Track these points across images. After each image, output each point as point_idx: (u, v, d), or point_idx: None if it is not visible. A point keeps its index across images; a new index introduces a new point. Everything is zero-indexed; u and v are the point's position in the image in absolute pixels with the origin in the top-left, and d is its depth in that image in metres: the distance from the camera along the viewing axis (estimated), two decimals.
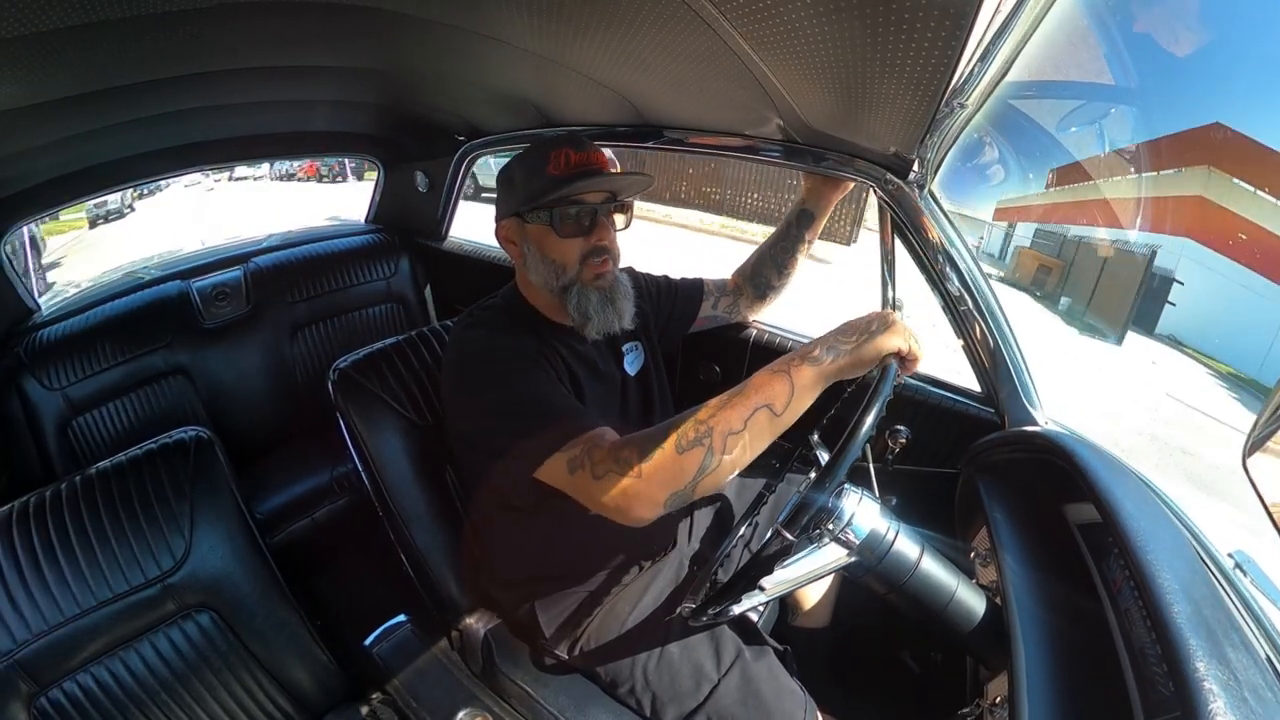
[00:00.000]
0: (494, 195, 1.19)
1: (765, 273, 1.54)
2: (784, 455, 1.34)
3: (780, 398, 0.87)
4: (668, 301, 1.45)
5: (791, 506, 0.86)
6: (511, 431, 0.97)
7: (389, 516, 1.27)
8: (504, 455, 0.98)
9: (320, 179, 14.05)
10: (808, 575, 0.88)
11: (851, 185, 1.40)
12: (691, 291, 1.51)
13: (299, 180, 14.10)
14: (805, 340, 1.65)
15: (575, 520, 1.07)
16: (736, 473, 0.89)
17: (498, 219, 1.17)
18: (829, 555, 0.88)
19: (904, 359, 0.92)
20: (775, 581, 0.87)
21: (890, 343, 0.90)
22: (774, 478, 1.37)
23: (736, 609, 0.93)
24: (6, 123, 1.14)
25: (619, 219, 1.15)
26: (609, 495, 0.87)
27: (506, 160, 1.18)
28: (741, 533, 1.27)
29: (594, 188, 1.08)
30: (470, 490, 1.25)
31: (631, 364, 1.30)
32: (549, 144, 1.11)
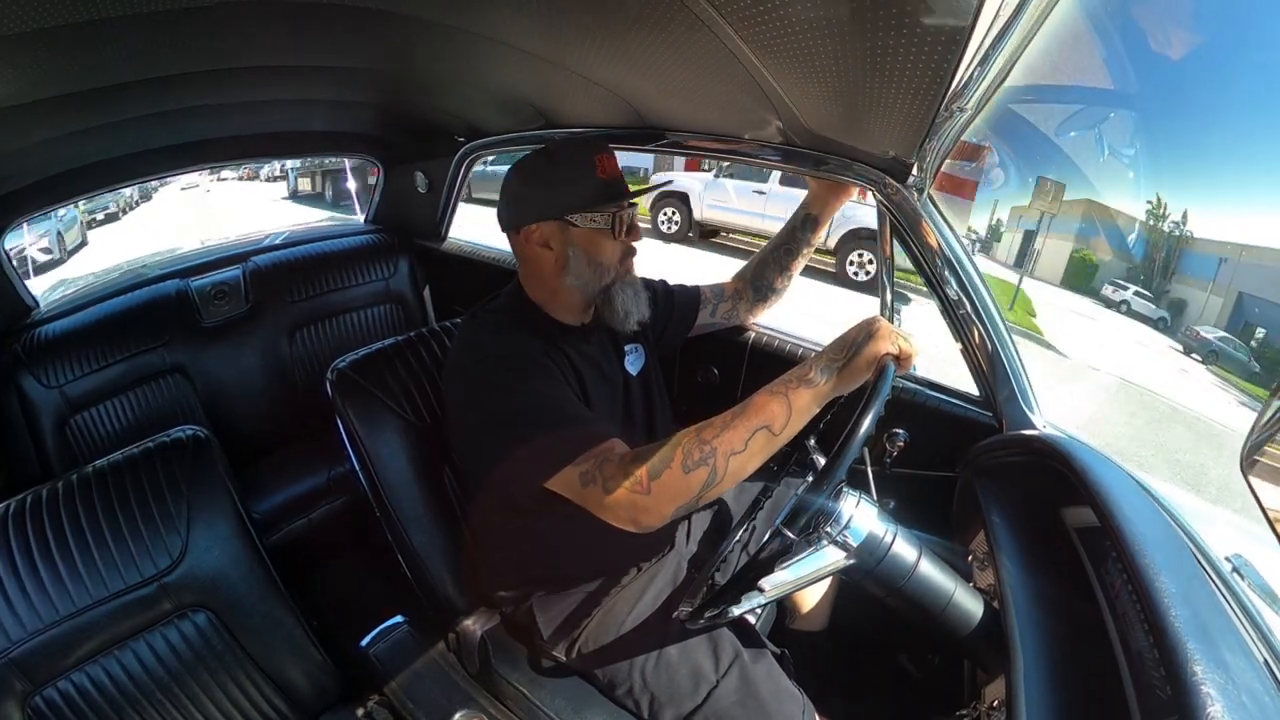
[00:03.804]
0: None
1: (768, 275, 1.54)
2: (782, 459, 1.34)
3: (778, 419, 0.91)
4: (665, 308, 1.45)
5: (790, 508, 0.86)
6: (521, 440, 0.98)
7: (386, 517, 1.27)
8: (512, 463, 0.99)
9: (253, 179, 14.64)
10: (805, 578, 0.88)
11: (856, 189, 1.41)
12: (689, 300, 1.52)
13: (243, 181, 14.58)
14: (802, 343, 1.66)
15: (575, 523, 1.07)
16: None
17: (525, 223, 1.13)
18: (827, 558, 0.88)
19: (898, 359, 0.94)
20: (773, 584, 0.87)
21: (879, 348, 0.93)
22: (772, 481, 1.37)
23: (734, 611, 0.93)
24: (6, 119, 1.14)
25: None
26: (620, 508, 0.91)
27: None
28: (739, 535, 1.27)
29: (634, 196, 1.15)
30: (470, 492, 1.25)
31: (633, 364, 1.30)
32: (586, 147, 1.13)
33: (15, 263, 1.85)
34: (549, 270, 1.15)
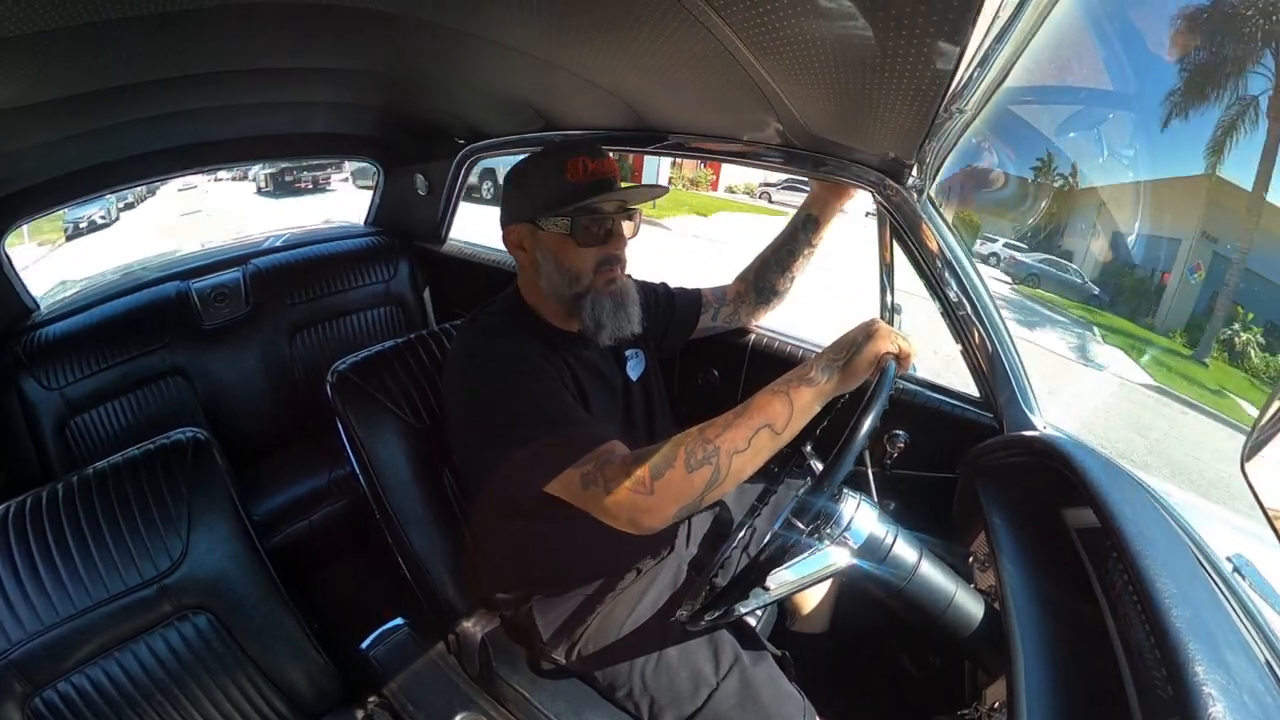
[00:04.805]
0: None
1: (769, 277, 1.54)
2: (782, 460, 1.34)
3: (780, 418, 0.91)
4: (666, 312, 1.45)
5: (790, 509, 0.86)
6: (521, 443, 0.97)
7: (386, 519, 1.26)
8: (512, 466, 0.98)
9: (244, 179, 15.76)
10: (806, 579, 0.88)
11: (856, 191, 1.40)
12: (691, 303, 1.51)
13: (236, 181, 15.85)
14: (802, 344, 1.65)
15: (575, 525, 1.07)
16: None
17: (506, 223, 1.16)
18: (827, 559, 0.88)
19: (898, 358, 0.95)
20: (773, 585, 0.87)
21: (879, 348, 0.94)
22: (773, 482, 1.37)
23: (735, 613, 0.93)
24: (8, 121, 1.14)
25: (628, 227, 1.15)
26: (622, 510, 0.91)
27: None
28: (740, 537, 1.27)
29: (615, 199, 1.10)
30: (470, 495, 1.25)
31: (633, 369, 1.30)
32: (565, 149, 1.11)
33: (86, 224, 1.86)
34: (528, 274, 1.16)
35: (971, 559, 1.13)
